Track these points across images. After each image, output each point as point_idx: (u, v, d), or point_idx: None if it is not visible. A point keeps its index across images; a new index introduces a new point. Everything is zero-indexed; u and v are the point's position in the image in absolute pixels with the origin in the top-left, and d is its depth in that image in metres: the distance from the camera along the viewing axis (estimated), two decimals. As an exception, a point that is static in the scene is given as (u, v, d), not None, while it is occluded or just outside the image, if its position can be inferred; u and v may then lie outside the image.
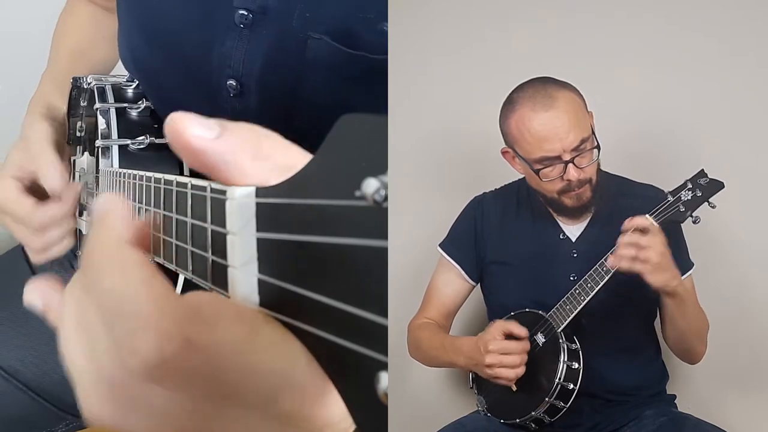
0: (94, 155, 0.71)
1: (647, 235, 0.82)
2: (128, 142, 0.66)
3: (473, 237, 1.01)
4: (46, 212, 0.73)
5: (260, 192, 0.27)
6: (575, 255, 0.94)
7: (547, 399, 0.88)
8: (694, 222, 0.85)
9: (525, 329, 0.88)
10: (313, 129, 0.31)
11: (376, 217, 0.20)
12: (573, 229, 0.96)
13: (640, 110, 1.13)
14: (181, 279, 0.59)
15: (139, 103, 0.71)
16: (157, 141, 0.66)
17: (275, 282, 0.26)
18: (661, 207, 0.85)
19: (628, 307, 0.92)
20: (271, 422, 0.26)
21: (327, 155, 0.23)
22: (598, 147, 0.89)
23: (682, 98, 1.12)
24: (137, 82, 0.74)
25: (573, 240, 0.95)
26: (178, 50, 0.69)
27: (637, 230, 0.83)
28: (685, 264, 0.94)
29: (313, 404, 0.25)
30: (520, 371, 0.87)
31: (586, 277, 0.88)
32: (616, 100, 1.11)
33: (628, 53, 1.14)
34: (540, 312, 0.92)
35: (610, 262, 0.84)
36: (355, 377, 0.21)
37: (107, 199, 0.31)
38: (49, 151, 0.75)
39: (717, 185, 0.85)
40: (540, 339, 0.91)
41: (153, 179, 0.39)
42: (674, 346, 0.95)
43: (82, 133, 0.78)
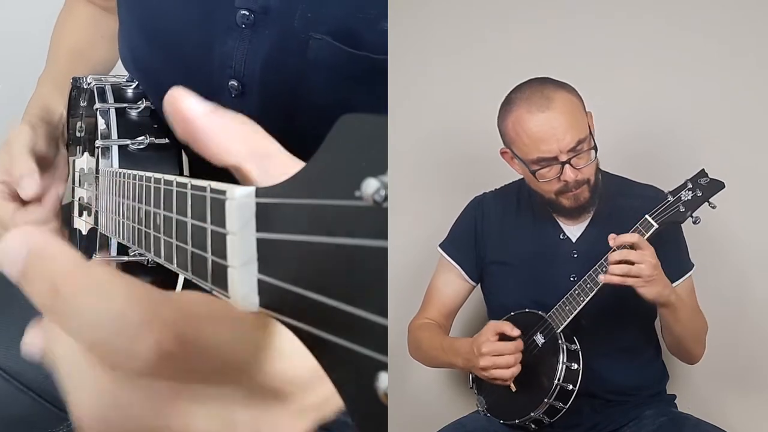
0: (93, 155, 0.70)
1: (637, 250, 0.82)
2: (128, 142, 0.66)
3: (473, 237, 1.01)
4: (26, 216, 0.74)
5: (260, 192, 0.27)
6: (575, 255, 0.94)
7: (546, 400, 0.88)
8: (695, 222, 0.85)
9: (517, 330, 0.88)
10: (315, 129, 0.32)
11: (376, 217, 0.20)
12: (573, 230, 0.96)
13: (640, 110, 1.13)
14: (181, 279, 0.59)
15: (139, 103, 0.71)
16: (157, 141, 0.66)
17: (275, 282, 0.26)
18: (661, 207, 0.85)
19: (627, 308, 0.92)
20: (247, 393, 0.29)
21: (327, 155, 0.23)
22: (595, 148, 0.89)
23: (682, 98, 1.12)
24: (137, 83, 0.74)
25: (573, 240, 0.95)
26: (178, 50, 0.69)
27: (625, 246, 0.83)
28: (685, 265, 0.94)
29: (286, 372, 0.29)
30: (516, 370, 0.87)
31: (585, 277, 0.88)
32: (616, 100, 1.11)
33: (628, 53, 1.14)
34: (539, 312, 0.92)
35: (602, 279, 0.85)
36: (355, 377, 0.21)
37: (21, 239, 0.28)
38: (25, 159, 0.75)
39: (717, 185, 0.85)
40: (539, 339, 0.91)
41: (153, 179, 0.39)
42: (672, 349, 0.96)
43: (82, 134, 0.78)
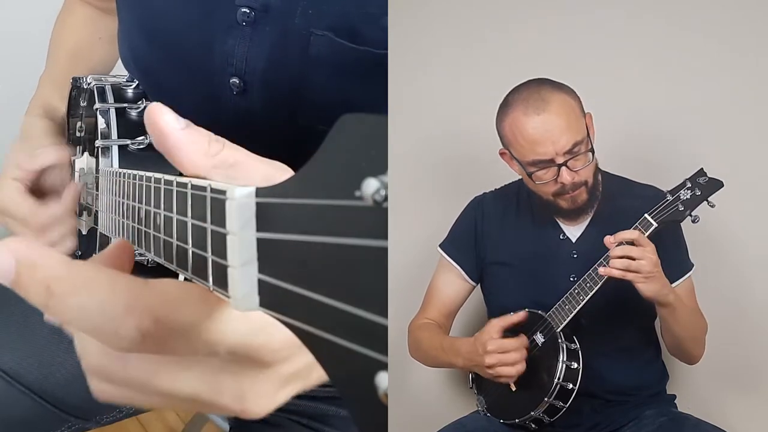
0: (93, 155, 0.70)
1: (638, 247, 0.82)
2: (128, 142, 0.66)
3: (473, 237, 1.01)
4: (46, 212, 0.73)
5: (260, 192, 0.27)
6: (575, 256, 0.94)
7: (546, 399, 0.88)
8: (693, 221, 0.85)
9: (522, 313, 0.89)
10: (318, 125, 0.33)
11: (376, 217, 0.20)
12: (573, 230, 0.96)
13: (640, 110, 1.13)
14: (181, 279, 0.59)
15: (139, 103, 0.71)
16: None
17: (275, 282, 0.26)
18: (660, 206, 0.85)
19: (627, 308, 0.92)
20: (228, 362, 0.34)
21: (327, 155, 0.23)
22: (593, 150, 0.89)
23: (682, 98, 1.12)
24: (137, 82, 0.74)
25: (573, 240, 0.95)
26: (179, 49, 0.69)
27: (626, 242, 0.83)
28: (684, 265, 0.94)
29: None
30: (521, 368, 0.87)
31: (585, 277, 0.88)
32: (616, 100, 1.11)
33: (628, 53, 1.14)
34: (539, 312, 0.92)
35: (602, 271, 0.85)
36: (355, 377, 0.21)
37: (8, 252, 0.30)
38: (51, 143, 0.78)
39: (716, 184, 0.85)
40: (539, 339, 0.91)
41: (153, 179, 0.39)
42: (671, 349, 0.96)
43: (82, 134, 0.78)
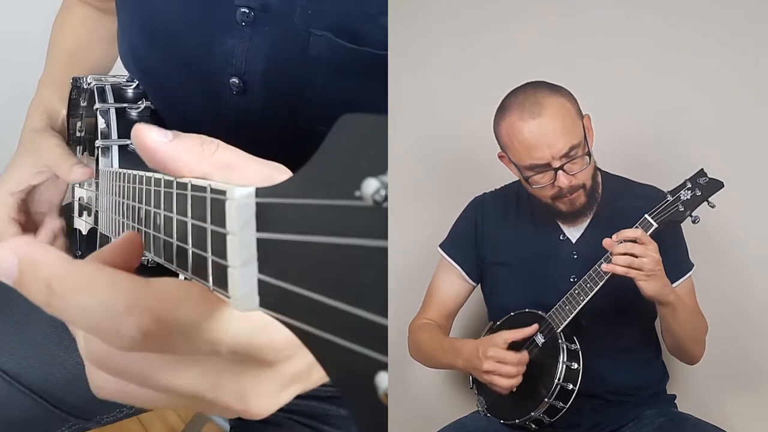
0: (93, 155, 0.70)
1: (640, 245, 0.82)
2: (128, 142, 0.66)
3: (473, 238, 1.01)
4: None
5: (260, 192, 0.27)
6: (575, 256, 0.94)
7: (546, 399, 0.88)
8: (694, 222, 0.85)
9: (529, 329, 0.89)
10: (318, 125, 0.33)
11: (376, 217, 0.20)
12: (573, 231, 0.96)
13: (640, 110, 1.13)
14: (181, 279, 0.59)
15: (139, 103, 0.71)
16: None
17: (275, 282, 0.26)
18: (660, 207, 0.85)
19: (628, 308, 0.92)
20: (229, 361, 0.33)
21: (327, 155, 0.23)
22: (590, 154, 0.88)
23: (682, 98, 1.12)
24: (137, 82, 0.74)
25: (573, 241, 0.95)
26: (178, 49, 0.69)
27: (629, 240, 0.83)
28: (684, 265, 0.94)
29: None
30: (515, 382, 0.87)
31: (585, 277, 0.88)
32: (616, 100, 1.11)
33: (628, 53, 1.14)
34: (539, 312, 0.92)
35: (604, 267, 0.85)
36: (355, 377, 0.21)
37: (10, 251, 0.30)
38: (67, 156, 0.76)
39: (716, 185, 0.85)
40: (539, 339, 0.91)
41: (153, 179, 0.39)
42: (672, 349, 0.96)
43: (82, 134, 0.78)
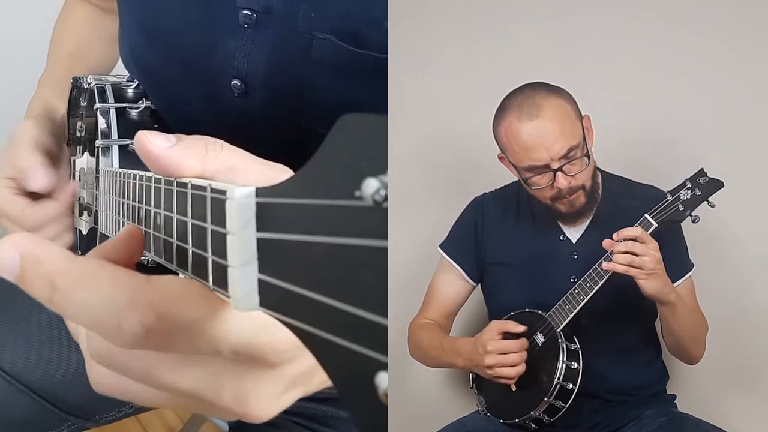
0: (94, 155, 0.70)
1: (641, 243, 0.82)
2: (128, 142, 0.66)
3: (473, 238, 1.01)
4: (38, 211, 0.73)
5: (260, 192, 0.27)
6: (576, 257, 0.94)
7: (546, 399, 0.88)
8: (694, 221, 0.85)
9: (522, 326, 0.89)
10: (319, 128, 0.33)
11: (376, 217, 0.20)
12: (573, 231, 0.96)
13: (640, 110, 1.13)
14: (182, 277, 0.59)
15: (139, 103, 0.71)
16: None
17: (275, 282, 0.26)
18: (660, 206, 0.85)
19: (628, 307, 0.92)
20: (230, 361, 0.33)
21: (327, 155, 0.23)
22: (588, 155, 0.88)
23: (682, 98, 1.12)
24: (137, 82, 0.74)
25: (573, 241, 0.95)
26: (179, 50, 0.69)
27: (629, 239, 0.83)
28: (684, 265, 0.94)
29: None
30: (521, 369, 0.87)
31: (585, 277, 0.88)
32: (616, 100, 1.11)
33: (628, 53, 1.14)
34: (539, 312, 0.92)
35: (605, 266, 0.85)
36: (355, 377, 0.21)
37: (12, 247, 0.30)
38: (32, 153, 0.74)
39: (716, 184, 0.85)
40: (539, 339, 0.91)
41: (153, 179, 0.39)
42: (672, 349, 0.96)
43: (82, 133, 0.78)
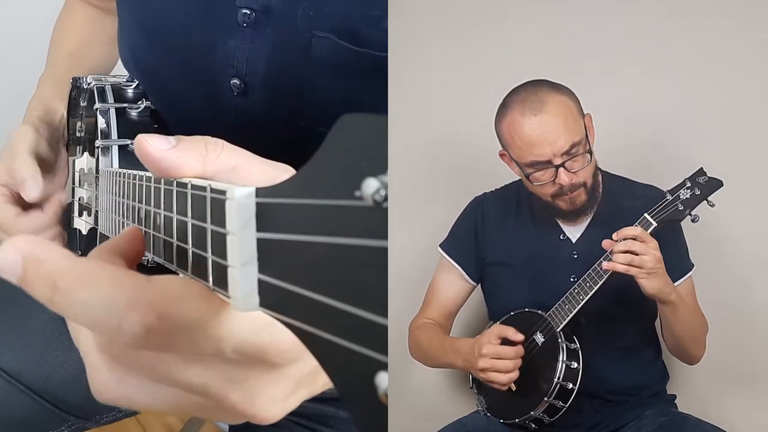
0: (93, 155, 0.70)
1: (641, 243, 0.82)
2: (128, 142, 0.66)
3: (474, 237, 1.01)
4: (26, 222, 0.74)
5: (260, 192, 0.27)
6: (576, 256, 0.94)
7: (546, 399, 0.88)
8: (693, 221, 0.85)
9: (521, 335, 0.88)
10: (319, 127, 0.33)
11: (376, 217, 0.20)
12: (573, 230, 0.96)
13: (640, 110, 1.13)
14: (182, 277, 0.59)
15: (139, 103, 0.71)
16: None
17: (275, 282, 0.26)
18: (659, 206, 0.85)
19: (628, 307, 0.92)
20: (234, 361, 0.32)
21: (327, 155, 0.23)
22: (591, 151, 0.89)
23: (681, 98, 1.12)
24: (137, 82, 0.74)
25: (573, 241, 0.95)
26: (179, 49, 0.69)
27: (629, 238, 0.83)
28: (684, 265, 0.94)
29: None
30: (513, 376, 0.87)
31: (585, 276, 0.88)
32: (615, 99, 1.11)
33: (628, 53, 1.14)
34: (539, 312, 0.92)
35: (605, 266, 0.85)
36: (355, 377, 0.21)
37: (14, 248, 0.30)
38: (28, 161, 0.74)
39: (716, 184, 0.85)
40: (539, 338, 0.91)
41: (153, 179, 0.39)
42: (672, 349, 0.96)
43: (82, 134, 0.78)
